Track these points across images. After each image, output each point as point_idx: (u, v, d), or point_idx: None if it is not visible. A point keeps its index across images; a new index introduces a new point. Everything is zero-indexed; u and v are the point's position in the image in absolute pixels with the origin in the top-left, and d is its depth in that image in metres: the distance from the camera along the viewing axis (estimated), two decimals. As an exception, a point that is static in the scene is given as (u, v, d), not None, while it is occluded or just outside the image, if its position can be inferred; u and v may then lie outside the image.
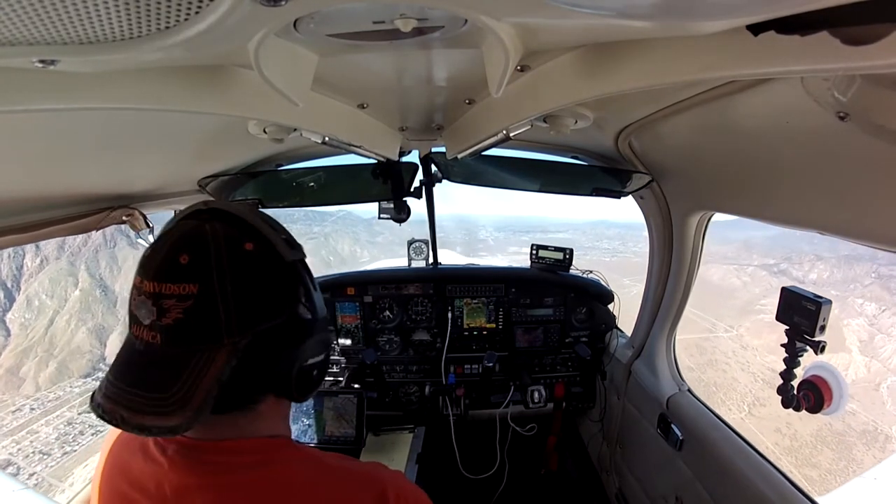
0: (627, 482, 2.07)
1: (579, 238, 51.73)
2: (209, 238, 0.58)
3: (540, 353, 2.39)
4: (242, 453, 0.64)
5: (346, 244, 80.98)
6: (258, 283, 0.60)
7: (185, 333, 0.56)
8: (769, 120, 0.88)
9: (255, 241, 0.61)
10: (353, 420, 1.99)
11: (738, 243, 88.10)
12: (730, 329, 60.47)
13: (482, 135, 1.19)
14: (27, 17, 0.39)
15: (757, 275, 72.79)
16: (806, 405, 1.15)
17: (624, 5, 0.49)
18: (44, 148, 0.88)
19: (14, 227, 1.07)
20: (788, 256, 76.05)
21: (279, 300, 0.62)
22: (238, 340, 0.57)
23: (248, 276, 0.59)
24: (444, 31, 0.64)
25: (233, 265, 0.58)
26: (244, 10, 0.44)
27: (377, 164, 1.65)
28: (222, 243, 0.58)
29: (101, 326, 62.73)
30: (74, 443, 37.28)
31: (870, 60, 0.44)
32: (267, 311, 0.60)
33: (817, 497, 1.25)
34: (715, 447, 1.49)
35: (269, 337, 0.60)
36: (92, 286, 68.20)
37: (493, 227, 74.87)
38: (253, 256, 0.60)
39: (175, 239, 0.59)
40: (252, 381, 0.62)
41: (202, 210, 0.64)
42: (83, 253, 73.21)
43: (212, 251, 0.57)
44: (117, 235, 60.16)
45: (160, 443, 0.66)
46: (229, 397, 0.59)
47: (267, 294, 0.61)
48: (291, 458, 0.67)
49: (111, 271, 73.00)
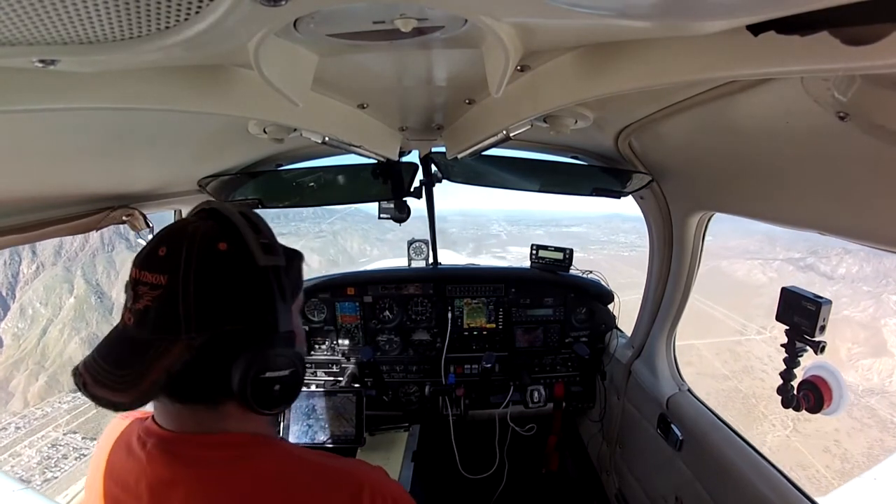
0: (627, 482, 2.06)
1: (594, 232, 50.02)
2: (187, 234, 0.60)
3: (540, 353, 2.39)
4: (219, 447, 0.65)
5: (355, 242, 76.42)
6: (223, 284, 0.60)
7: (150, 321, 0.58)
8: (769, 120, 0.88)
9: (229, 242, 0.61)
10: (353, 419, 1.99)
11: (759, 236, 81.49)
12: (762, 331, 53.81)
13: (482, 135, 1.19)
14: (27, 17, 0.39)
15: (783, 270, 67.95)
16: (806, 405, 1.15)
17: (624, 5, 0.49)
18: (43, 148, 0.88)
19: (14, 227, 1.07)
20: (814, 250, 70.45)
21: (243, 304, 0.62)
22: (195, 337, 0.58)
23: (214, 276, 0.59)
24: (443, 31, 0.64)
25: (201, 262, 0.59)
26: (244, 10, 0.44)
27: (377, 164, 1.65)
28: (197, 240, 0.60)
29: (94, 336, 56.92)
30: (56, 468, 34.55)
31: (870, 60, 0.44)
32: (228, 314, 0.60)
33: (817, 497, 1.25)
34: (715, 447, 1.49)
35: (228, 339, 0.60)
36: (87, 293, 64.31)
37: (505, 221, 72.92)
38: (224, 256, 0.60)
39: (164, 232, 0.62)
40: (209, 380, 0.62)
41: (203, 209, 0.67)
42: (80, 258, 69.84)
43: (185, 246, 0.59)
44: (115, 239, 54.34)
45: (141, 437, 0.67)
46: (188, 390, 0.62)
47: (231, 296, 0.61)
48: (268, 454, 0.67)
49: (108, 276, 67.43)
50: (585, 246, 33.75)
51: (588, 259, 77.65)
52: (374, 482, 0.68)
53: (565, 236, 47.71)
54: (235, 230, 0.62)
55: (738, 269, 41.95)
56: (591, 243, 25.57)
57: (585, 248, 33.43)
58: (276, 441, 0.70)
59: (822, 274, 65.52)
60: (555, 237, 44.93)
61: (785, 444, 35.50)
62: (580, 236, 44.95)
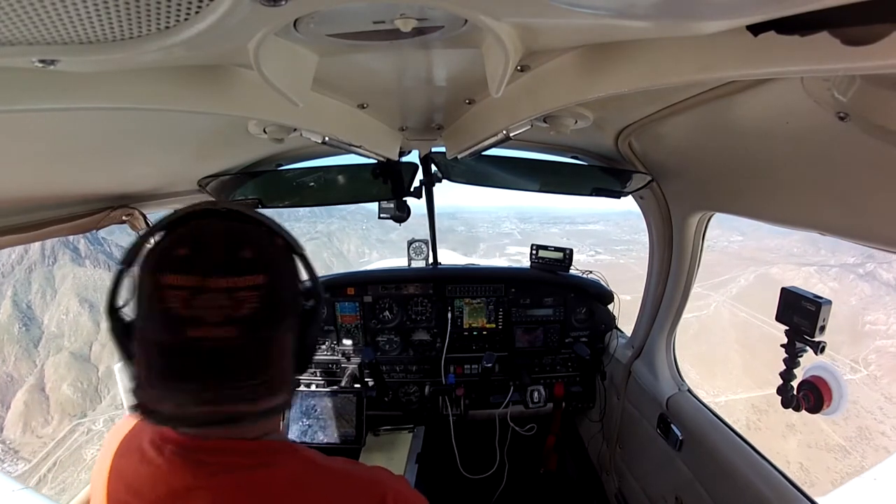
0: (627, 482, 2.07)
1: (614, 230, 45.14)
2: (252, 234, 0.65)
3: (540, 353, 2.39)
4: (242, 454, 0.64)
5: (352, 243, 64.45)
6: (295, 271, 0.69)
7: (262, 321, 0.61)
8: (769, 120, 0.88)
9: (280, 237, 0.69)
10: (353, 419, 1.99)
11: (798, 236, 63.05)
12: (856, 367, 41.16)
13: (482, 135, 1.19)
14: (27, 17, 0.39)
15: (843, 279, 53.94)
16: (806, 405, 1.15)
17: (624, 5, 0.49)
18: (44, 148, 0.88)
19: (14, 227, 1.07)
20: (871, 253, 46.20)
21: (309, 285, 0.72)
22: (293, 322, 0.66)
23: (289, 266, 0.68)
24: (444, 31, 0.64)
25: (280, 257, 0.67)
26: (244, 10, 0.44)
27: (377, 164, 1.65)
28: (266, 238, 0.66)
29: (7, 378, 42.03)
30: None
31: (870, 60, 0.44)
32: (304, 295, 0.70)
33: (818, 497, 1.25)
34: (714, 447, 1.49)
35: (306, 317, 0.70)
36: (12, 319, 48.52)
37: (516, 218, 68.29)
38: (286, 249, 0.68)
39: (224, 236, 0.62)
40: (304, 355, 0.71)
41: (218, 210, 0.65)
42: (15, 273, 53.41)
43: (267, 245, 0.65)
44: (59, 249, 38.62)
45: (157, 444, 0.65)
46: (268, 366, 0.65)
47: (299, 280, 0.70)
48: (291, 461, 0.67)
49: (43, 296, 52.00)
50: (609, 247, 29.93)
51: (618, 263, 65.58)
52: (398, 491, 0.69)
53: (583, 235, 42.43)
54: (274, 228, 0.68)
55: (792, 278, 31.90)
56: (614, 243, 22.84)
57: (610, 250, 29.53)
58: (295, 446, 0.70)
59: (885, 282, 50.09)
60: (572, 236, 39.65)
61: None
62: (599, 235, 39.38)
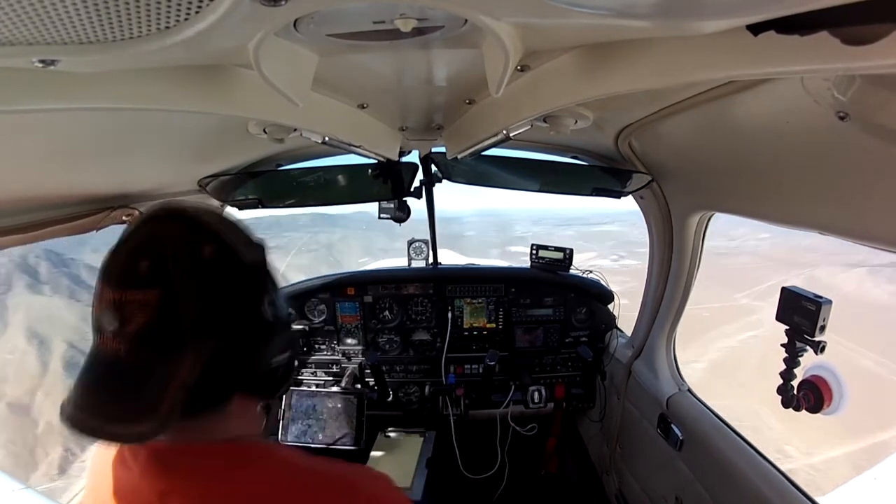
0: (627, 482, 2.06)
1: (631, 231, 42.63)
2: (167, 243, 0.58)
3: (540, 353, 2.39)
4: (212, 457, 0.64)
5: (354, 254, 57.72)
6: (219, 287, 0.60)
7: (150, 340, 0.56)
8: (769, 120, 0.88)
9: (213, 244, 0.60)
10: (354, 420, 1.99)
11: None
12: None
13: (482, 135, 1.19)
14: (27, 17, 0.39)
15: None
16: (806, 405, 1.15)
17: (623, 5, 0.49)
18: (44, 148, 0.88)
19: (14, 227, 1.06)
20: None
21: (240, 303, 0.62)
22: (202, 345, 0.57)
23: (208, 280, 0.59)
24: (443, 31, 0.64)
25: (192, 270, 0.58)
26: (244, 10, 0.44)
27: (377, 164, 1.65)
28: (180, 248, 0.58)
29: None
30: None
31: (870, 60, 0.44)
32: (229, 315, 0.60)
33: (818, 497, 1.25)
34: (715, 447, 1.49)
35: (233, 340, 0.61)
36: None
37: (529, 220, 65.43)
38: (212, 260, 0.60)
39: (134, 244, 0.58)
40: (220, 384, 0.62)
41: (160, 214, 0.62)
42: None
43: (170, 256, 0.57)
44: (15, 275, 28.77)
45: (133, 449, 0.65)
46: (198, 400, 0.59)
47: (228, 297, 0.61)
48: (261, 461, 0.65)
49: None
50: (631, 249, 27.30)
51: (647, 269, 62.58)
52: (372, 495, 0.66)
53: (600, 237, 39.75)
54: (212, 232, 0.61)
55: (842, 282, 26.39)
56: (635, 245, 20.85)
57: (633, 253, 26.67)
58: (275, 448, 0.69)
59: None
60: (588, 238, 37.13)
61: None
62: (617, 236, 36.41)
